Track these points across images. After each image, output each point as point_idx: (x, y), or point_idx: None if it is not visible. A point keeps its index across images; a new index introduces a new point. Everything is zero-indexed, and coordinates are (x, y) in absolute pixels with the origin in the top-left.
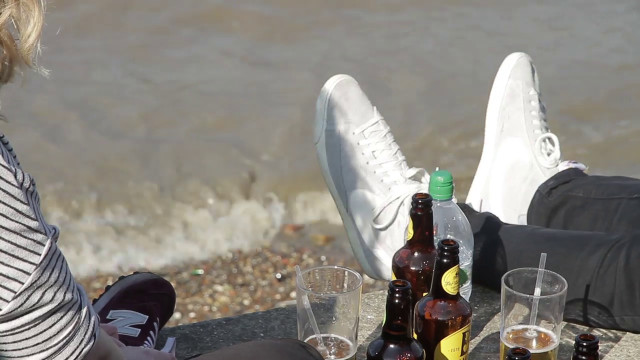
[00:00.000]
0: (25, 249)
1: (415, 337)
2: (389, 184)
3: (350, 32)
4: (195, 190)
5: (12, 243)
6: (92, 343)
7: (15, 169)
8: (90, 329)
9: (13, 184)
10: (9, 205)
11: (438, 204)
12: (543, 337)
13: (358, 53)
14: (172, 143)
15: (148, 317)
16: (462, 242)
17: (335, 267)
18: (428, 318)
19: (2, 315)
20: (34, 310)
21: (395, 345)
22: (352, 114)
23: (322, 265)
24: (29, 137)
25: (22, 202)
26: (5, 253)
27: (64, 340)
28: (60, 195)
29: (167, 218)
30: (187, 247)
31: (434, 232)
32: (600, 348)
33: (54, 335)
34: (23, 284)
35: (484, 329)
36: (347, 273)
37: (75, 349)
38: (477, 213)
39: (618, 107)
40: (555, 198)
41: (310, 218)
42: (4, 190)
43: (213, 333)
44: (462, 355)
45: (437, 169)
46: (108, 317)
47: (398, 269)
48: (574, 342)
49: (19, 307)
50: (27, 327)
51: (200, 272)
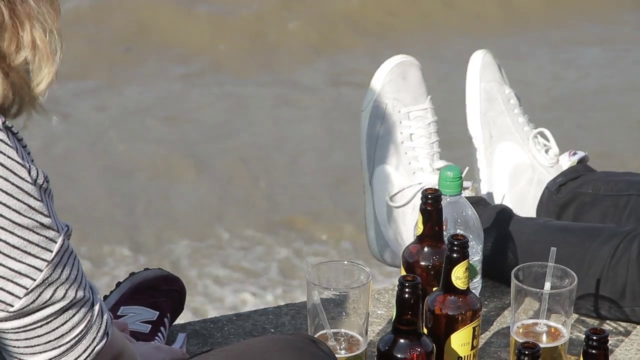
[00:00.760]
0: (38, 246)
1: (426, 331)
2: (415, 169)
3: None
4: None
5: (24, 239)
6: (104, 341)
7: (30, 166)
8: (103, 327)
9: (27, 180)
10: (22, 202)
11: (448, 199)
12: (553, 331)
13: None
14: None
15: (159, 313)
16: (471, 236)
17: (345, 262)
18: (438, 313)
19: (14, 312)
20: (46, 308)
21: (406, 340)
22: (404, 93)
23: (332, 260)
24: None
25: (35, 198)
26: (18, 249)
27: (76, 338)
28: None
29: None
30: None
31: (444, 227)
32: (611, 342)
33: (66, 333)
34: (35, 281)
35: (494, 324)
36: (357, 268)
37: (88, 347)
38: (489, 205)
39: None
40: (564, 195)
41: None
42: (18, 187)
43: (224, 329)
44: (472, 350)
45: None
46: (119, 313)
47: (408, 264)
48: (584, 336)
49: (31, 303)
50: (39, 324)
51: None
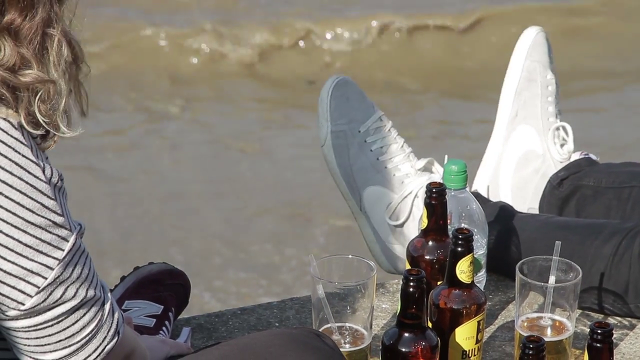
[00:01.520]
0: (50, 244)
1: (430, 325)
2: (402, 178)
3: None
4: None
5: (36, 238)
6: (115, 340)
7: (44, 164)
8: (114, 327)
9: (41, 179)
10: (36, 200)
11: (452, 193)
12: (558, 325)
13: None
14: None
15: (163, 307)
16: (476, 230)
17: (350, 256)
18: (443, 307)
19: (26, 311)
20: (57, 307)
21: (410, 334)
22: (354, 113)
23: (336, 255)
24: None
25: (49, 197)
26: (30, 247)
27: (87, 338)
28: None
29: None
30: None
31: (448, 221)
32: (615, 336)
33: (77, 332)
34: (46, 279)
35: (499, 318)
36: (361, 262)
37: (98, 346)
38: (491, 202)
39: None
40: (566, 188)
41: None
42: (32, 185)
43: (228, 323)
44: (476, 344)
45: (446, 157)
46: (123, 307)
47: (412, 258)
48: (589, 329)
49: (42, 302)
50: (50, 323)
51: None
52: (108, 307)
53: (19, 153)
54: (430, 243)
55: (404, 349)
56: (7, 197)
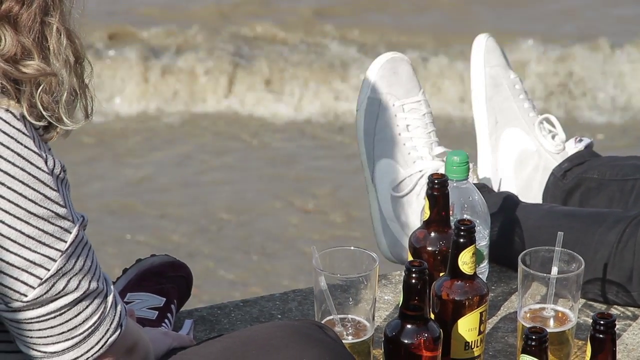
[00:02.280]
0: (52, 236)
1: (433, 317)
2: (415, 158)
3: None
4: None
5: (39, 229)
6: (117, 333)
7: (46, 155)
8: (117, 319)
9: (43, 170)
10: (38, 191)
11: (454, 184)
12: (560, 316)
13: None
14: None
15: (165, 299)
16: (478, 221)
17: (352, 247)
18: (445, 298)
19: (28, 302)
20: (60, 298)
21: (413, 326)
22: (397, 87)
23: (338, 246)
24: None
25: (51, 188)
26: (33, 239)
27: (90, 330)
28: None
29: None
30: None
31: (451, 212)
32: (618, 327)
33: (80, 325)
34: (49, 271)
35: (502, 309)
36: (363, 254)
37: (101, 339)
38: (494, 192)
39: None
40: (570, 180)
41: None
42: (34, 176)
43: (230, 315)
44: (479, 335)
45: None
46: (125, 299)
47: (415, 249)
48: (592, 320)
49: (45, 294)
50: (52, 315)
51: None
52: (111, 299)
53: (21, 144)
54: (433, 234)
55: (407, 341)
56: (9, 188)
